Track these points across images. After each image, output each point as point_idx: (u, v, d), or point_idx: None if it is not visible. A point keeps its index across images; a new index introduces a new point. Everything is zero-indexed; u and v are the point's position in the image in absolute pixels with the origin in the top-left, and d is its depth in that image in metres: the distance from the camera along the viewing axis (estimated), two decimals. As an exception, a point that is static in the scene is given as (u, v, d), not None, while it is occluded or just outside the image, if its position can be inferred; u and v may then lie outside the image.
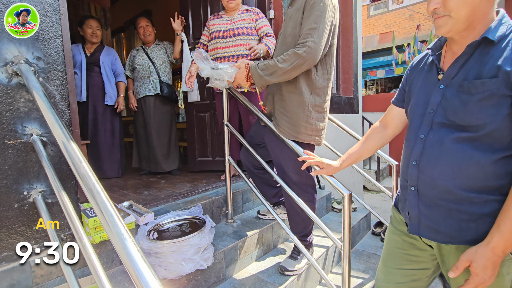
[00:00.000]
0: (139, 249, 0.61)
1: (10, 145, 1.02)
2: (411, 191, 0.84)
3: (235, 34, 2.06)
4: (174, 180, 2.37)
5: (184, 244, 1.17)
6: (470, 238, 0.75)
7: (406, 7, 8.55)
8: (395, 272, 0.96)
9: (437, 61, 0.83)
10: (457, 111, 0.75)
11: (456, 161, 0.74)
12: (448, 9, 0.72)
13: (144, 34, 2.58)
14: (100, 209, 0.66)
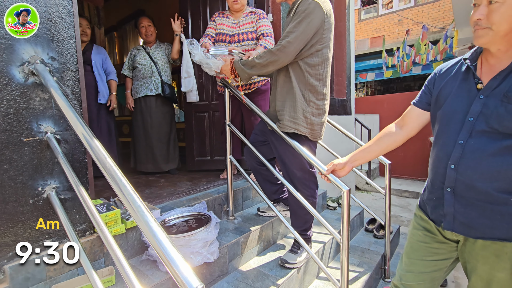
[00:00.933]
0: (166, 235, 0.66)
1: (26, 143, 1.06)
2: (447, 191, 0.92)
3: (240, 40, 2.09)
4: (174, 179, 2.41)
5: (192, 238, 1.22)
6: (501, 236, 0.85)
7: (395, 12, 8.80)
8: (418, 263, 1.06)
9: (474, 70, 0.90)
10: (502, 119, 0.82)
11: (496, 166, 0.83)
12: (491, 21, 0.80)
13: (146, 34, 2.60)
14: (128, 200, 0.72)
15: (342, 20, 3.82)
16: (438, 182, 0.96)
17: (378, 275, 2.08)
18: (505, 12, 0.78)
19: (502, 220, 0.85)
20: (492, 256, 0.88)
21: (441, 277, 1.07)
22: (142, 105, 2.61)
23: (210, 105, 2.65)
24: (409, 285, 1.08)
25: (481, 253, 0.90)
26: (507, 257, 0.86)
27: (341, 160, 1.19)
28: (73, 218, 1.19)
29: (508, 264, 0.86)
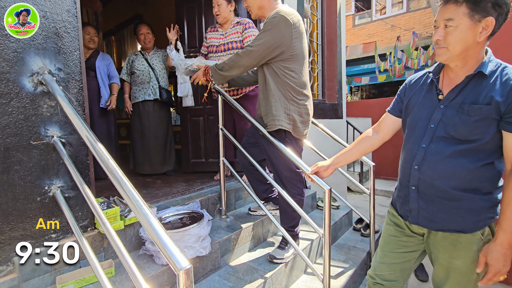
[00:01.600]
0: (162, 226, 0.77)
1: (34, 146, 1.17)
2: (412, 189, 1.05)
3: (226, 49, 2.22)
4: (170, 180, 2.52)
5: (186, 233, 1.33)
6: (456, 228, 0.98)
7: (388, 18, 9.01)
8: (390, 255, 1.18)
9: (437, 83, 1.02)
10: (457, 127, 0.94)
11: (451, 167, 0.96)
12: (447, 43, 0.91)
13: (145, 41, 2.70)
14: (128, 196, 0.83)
15: (333, 28, 3.97)
16: (405, 181, 1.09)
17: (363, 271, 2.19)
18: (458, 35, 0.89)
19: (457, 214, 0.97)
20: (450, 246, 1.01)
21: (411, 268, 1.19)
22: (141, 110, 2.71)
23: (204, 110, 2.76)
24: (382, 275, 1.20)
25: (441, 243, 1.03)
26: (461, 246, 0.98)
27: (325, 163, 1.30)
28: (76, 215, 1.30)
29: (463, 252, 0.99)
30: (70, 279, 1.20)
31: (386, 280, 1.19)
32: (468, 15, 0.86)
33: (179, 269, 0.68)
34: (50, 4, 1.19)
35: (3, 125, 1.08)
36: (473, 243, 0.96)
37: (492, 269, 0.92)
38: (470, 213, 0.95)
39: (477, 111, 0.91)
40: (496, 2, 0.85)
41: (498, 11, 0.86)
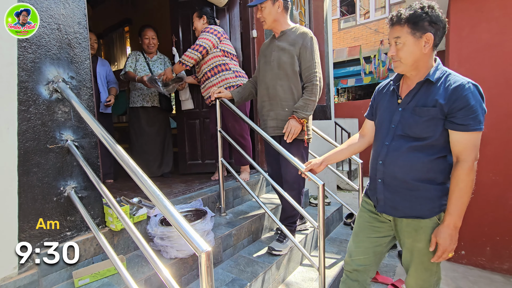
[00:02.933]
0: (183, 218, 0.88)
1: (51, 149, 1.25)
2: (378, 182, 1.19)
3: None
4: (168, 182, 2.60)
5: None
6: (417, 214, 1.13)
7: (372, 22, 9.35)
8: (364, 240, 1.30)
9: (397, 89, 1.19)
10: (411, 127, 1.10)
11: (408, 161, 1.11)
12: (399, 57, 1.09)
13: (149, 45, 2.71)
14: (149, 191, 0.93)
15: (321, 33, 4.16)
16: (373, 175, 1.24)
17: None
18: (407, 50, 1.06)
19: (416, 202, 1.12)
20: (413, 231, 1.15)
21: (382, 252, 1.31)
22: (140, 114, 2.75)
23: (201, 113, 2.86)
24: (358, 259, 1.31)
25: (406, 229, 1.17)
26: (422, 231, 1.13)
27: (317, 160, 1.44)
28: (91, 213, 1.38)
29: (423, 236, 1.12)
30: (85, 274, 1.28)
31: (361, 265, 1.30)
32: (411, 33, 1.04)
33: (201, 251, 0.79)
34: (64, 17, 1.28)
35: (23, 130, 1.16)
36: (431, 227, 1.10)
37: (441, 247, 1.06)
38: (427, 201, 1.10)
39: (425, 113, 1.06)
40: (431, 21, 1.02)
41: (435, 27, 1.03)
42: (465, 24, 2.37)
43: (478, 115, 1.00)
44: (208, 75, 2.39)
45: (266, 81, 1.89)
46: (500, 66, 2.28)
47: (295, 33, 1.82)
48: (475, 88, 1.02)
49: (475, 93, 1.01)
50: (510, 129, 2.25)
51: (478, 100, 1.01)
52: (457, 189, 1.03)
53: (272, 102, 1.88)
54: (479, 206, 2.38)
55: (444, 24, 1.05)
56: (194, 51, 2.28)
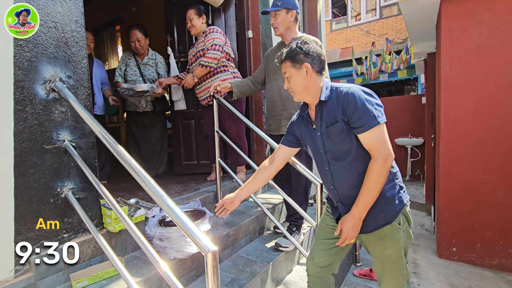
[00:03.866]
0: (188, 218, 0.88)
1: (47, 150, 1.22)
2: (339, 205, 1.22)
3: (198, 57, 2.38)
4: (164, 182, 2.57)
5: None
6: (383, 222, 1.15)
7: (363, 24, 9.48)
8: (325, 242, 1.31)
9: (307, 117, 1.25)
10: (333, 147, 1.16)
11: (351, 177, 1.16)
12: (291, 88, 1.21)
13: (137, 48, 2.61)
14: (152, 191, 0.93)
15: (315, 34, 4.19)
16: (331, 198, 1.27)
17: (350, 260, 2.38)
18: (294, 81, 1.18)
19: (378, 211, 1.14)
20: (378, 239, 1.17)
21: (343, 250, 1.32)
22: (135, 118, 2.72)
23: (196, 113, 2.85)
24: (319, 262, 1.32)
25: (371, 238, 1.19)
26: (387, 237, 1.15)
27: (231, 195, 1.38)
28: (89, 214, 1.36)
29: (389, 242, 1.15)
30: (83, 276, 1.26)
31: (322, 267, 1.31)
32: (292, 67, 1.18)
33: (207, 251, 0.79)
34: (61, 15, 1.26)
35: (19, 130, 1.14)
36: (395, 232, 1.13)
37: (344, 234, 1.13)
38: (386, 205, 1.13)
39: (335, 130, 1.13)
40: (305, 53, 1.16)
41: (310, 57, 1.16)
42: (455, 27, 2.44)
43: (370, 112, 1.05)
44: (207, 76, 2.38)
45: (278, 83, 1.99)
46: (489, 68, 2.35)
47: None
48: (356, 90, 1.09)
49: (357, 94, 1.08)
50: (499, 129, 2.33)
51: (363, 99, 1.07)
52: (368, 183, 1.07)
53: (285, 102, 1.97)
54: (470, 204, 2.45)
55: (318, 54, 1.18)
56: (215, 51, 2.27)
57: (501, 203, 2.34)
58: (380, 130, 1.06)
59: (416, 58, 4.47)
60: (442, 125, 2.55)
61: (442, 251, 2.59)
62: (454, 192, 2.51)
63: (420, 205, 4.14)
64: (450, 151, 2.52)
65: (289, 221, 2.06)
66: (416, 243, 2.97)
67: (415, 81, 9.43)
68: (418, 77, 8.57)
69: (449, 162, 2.53)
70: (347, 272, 2.29)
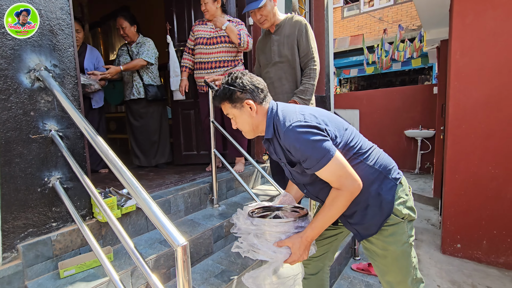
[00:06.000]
0: (161, 210, 0.86)
1: (33, 139, 1.22)
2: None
3: (217, 42, 2.30)
4: (163, 172, 2.58)
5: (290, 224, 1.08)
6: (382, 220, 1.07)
7: (376, 10, 9.11)
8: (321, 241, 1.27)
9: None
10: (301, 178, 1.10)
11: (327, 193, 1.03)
12: (240, 128, 1.12)
13: (123, 35, 2.62)
14: (128, 183, 0.91)
15: (321, 20, 4.05)
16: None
17: (348, 254, 2.34)
18: (239, 121, 1.09)
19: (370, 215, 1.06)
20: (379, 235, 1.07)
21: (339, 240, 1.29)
22: (131, 107, 2.72)
23: (196, 103, 2.82)
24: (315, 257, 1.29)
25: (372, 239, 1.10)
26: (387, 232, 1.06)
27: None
28: (75, 205, 1.37)
29: (392, 238, 1.06)
30: (71, 264, 1.28)
31: (316, 256, 1.29)
32: (232, 107, 1.07)
33: (177, 245, 0.77)
34: (45, 2, 1.23)
35: (4, 120, 1.14)
36: (397, 227, 1.04)
37: (294, 256, 1.03)
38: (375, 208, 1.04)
39: (297, 170, 1.06)
40: (241, 89, 1.04)
41: (249, 92, 1.05)
42: (469, 11, 2.27)
43: (312, 154, 0.95)
44: (222, 64, 2.33)
45: (270, 76, 1.92)
46: (504, 56, 2.19)
47: (289, 24, 1.84)
48: (293, 129, 0.96)
49: (294, 135, 0.96)
50: (511, 121, 2.19)
51: (302, 140, 0.95)
52: (329, 210, 1.00)
53: (279, 96, 1.91)
54: (478, 200, 2.34)
55: (255, 84, 1.06)
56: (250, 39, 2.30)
57: (510, 199, 2.23)
58: (333, 164, 0.95)
59: (428, 45, 4.25)
60: (451, 116, 2.42)
61: (446, 247, 2.51)
62: (461, 186, 2.40)
63: (428, 199, 4.02)
64: (458, 144, 2.40)
65: None
66: (420, 238, 2.90)
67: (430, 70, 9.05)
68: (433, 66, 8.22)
69: (457, 155, 2.41)
70: (344, 266, 2.26)
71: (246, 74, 1.09)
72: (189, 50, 2.48)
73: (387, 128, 5.70)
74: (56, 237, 1.29)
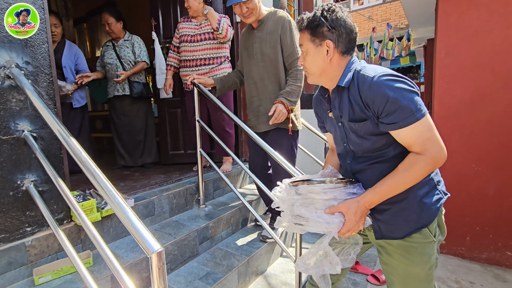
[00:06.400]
0: (135, 215, 0.82)
1: (4, 140, 1.16)
2: None
3: (202, 39, 2.25)
4: (148, 173, 2.53)
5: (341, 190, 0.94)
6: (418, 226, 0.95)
7: (366, 8, 9.17)
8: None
9: (325, 101, 1.03)
10: (360, 146, 0.93)
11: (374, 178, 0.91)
12: (305, 67, 0.97)
13: (108, 31, 2.57)
14: (101, 187, 0.87)
15: (310, 19, 4.03)
16: None
17: (336, 252, 2.35)
18: (309, 59, 0.94)
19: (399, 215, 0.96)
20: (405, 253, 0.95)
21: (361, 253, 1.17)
22: (115, 105, 2.64)
23: (182, 101, 2.76)
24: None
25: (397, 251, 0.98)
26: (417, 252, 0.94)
27: None
28: (52, 208, 1.31)
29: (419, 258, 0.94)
30: (47, 271, 1.23)
31: None
32: (310, 40, 0.92)
33: (151, 252, 0.74)
34: (14, -5, 1.17)
35: (-30, 120, 1.07)
36: (427, 246, 0.93)
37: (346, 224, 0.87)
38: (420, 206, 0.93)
39: (357, 127, 0.90)
40: (330, 26, 0.89)
41: (335, 33, 0.89)
42: (453, 10, 2.29)
43: (407, 104, 0.81)
44: (207, 61, 2.28)
45: (253, 75, 1.84)
46: (487, 55, 2.22)
47: (272, 19, 1.76)
48: (383, 77, 0.84)
49: (387, 83, 0.83)
50: (494, 119, 2.23)
51: (396, 88, 0.82)
52: (401, 172, 0.86)
53: (261, 97, 1.83)
54: (461, 197, 2.38)
55: (349, 29, 0.91)
56: (231, 30, 2.25)
57: (493, 196, 2.27)
58: (424, 123, 0.82)
59: (415, 44, 4.30)
60: (436, 115, 2.45)
61: (431, 244, 2.55)
62: (447, 184, 2.42)
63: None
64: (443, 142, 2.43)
65: (272, 213, 2.01)
66: (406, 235, 2.94)
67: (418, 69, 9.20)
68: (421, 64, 8.35)
69: (442, 153, 2.44)
70: (332, 264, 2.26)
71: (345, 12, 0.92)
72: (175, 48, 2.43)
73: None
74: (31, 243, 1.24)
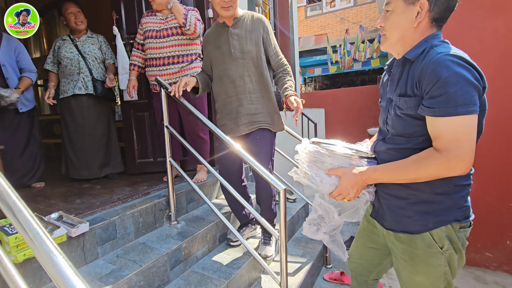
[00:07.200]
0: (70, 265, 0.60)
1: None
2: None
3: (169, 35, 2.02)
4: (112, 185, 2.23)
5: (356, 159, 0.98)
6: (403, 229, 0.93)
7: (338, 10, 9.31)
8: (361, 247, 1.17)
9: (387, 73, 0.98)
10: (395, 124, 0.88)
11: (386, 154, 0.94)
12: (385, 29, 0.88)
13: (76, 22, 2.29)
14: (23, 228, 0.63)
15: (286, 18, 3.91)
16: None
17: (320, 263, 2.22)
18: (393, 20, 0.85)
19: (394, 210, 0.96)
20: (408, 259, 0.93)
21: (378, 265, 1.15)
22: (72, 105, 2.32)
23: (150, 104, 2.50)
24: (355, 262, 1.22)
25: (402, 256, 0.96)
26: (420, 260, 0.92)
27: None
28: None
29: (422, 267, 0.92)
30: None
31: (357, 269, 1.22)
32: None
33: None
34: None
35: None
36: (431, 256, 0.88)
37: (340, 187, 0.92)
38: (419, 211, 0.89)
39: (403, 103, 0.84)
40: None
41: None
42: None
43: (451, 92, 0.72)
44: (176, 60, 2.04)
45: (230, 74, 1.64)
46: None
47: (250, 19, 1.65)
48: (452, 57, 0.74)
49: (448, 63, 0.73)
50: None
51: (453, 72, 0.72)
52: (409, 162, 0.81)
53: (241, 96, 1.65)
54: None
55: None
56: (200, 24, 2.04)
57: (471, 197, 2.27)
58: (465, 122, 0.73)
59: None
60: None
61: (413, 247, 2.52)
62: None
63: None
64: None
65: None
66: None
67: (388, 70, 9.48)
68: (390, 66, 8.61)
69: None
70: (316, 277, 2.13)
71: None
72: (139, 46, 2.16)
73: (352, 127, 5.79)
74: None
